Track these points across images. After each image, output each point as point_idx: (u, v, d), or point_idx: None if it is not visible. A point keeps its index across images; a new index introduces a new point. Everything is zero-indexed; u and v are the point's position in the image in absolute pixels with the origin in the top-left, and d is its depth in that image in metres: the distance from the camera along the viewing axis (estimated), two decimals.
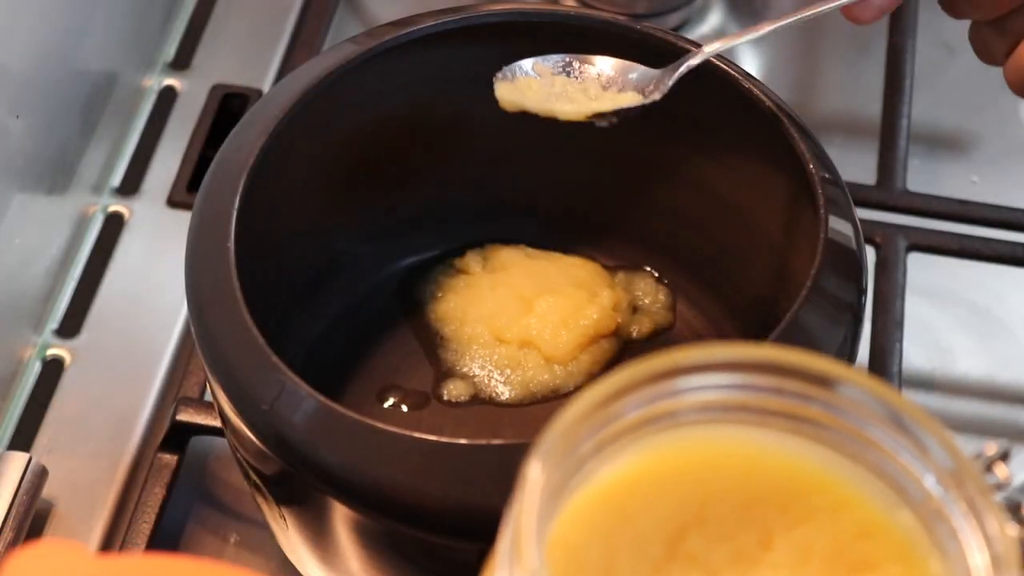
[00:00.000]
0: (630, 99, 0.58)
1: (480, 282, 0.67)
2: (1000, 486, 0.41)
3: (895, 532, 0.42)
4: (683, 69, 0.57)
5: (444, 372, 0.65)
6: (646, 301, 0.67)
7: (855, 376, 0.42)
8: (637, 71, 0.58)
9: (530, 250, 0.68)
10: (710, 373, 0.42)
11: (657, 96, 0.57)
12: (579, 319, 0.65)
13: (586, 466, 0.41)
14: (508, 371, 0.64)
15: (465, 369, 0.65)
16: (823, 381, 0.42)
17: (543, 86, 0.59)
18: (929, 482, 0.41)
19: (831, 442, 0.43)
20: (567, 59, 0.59)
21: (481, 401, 0.64)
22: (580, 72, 0.59)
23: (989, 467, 0.42)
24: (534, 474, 0.39)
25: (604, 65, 0.59)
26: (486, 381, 0.64)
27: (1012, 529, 0.39)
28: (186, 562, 0.39)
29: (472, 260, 0.68)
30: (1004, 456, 0.42)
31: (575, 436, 0.41)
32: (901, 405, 0.41)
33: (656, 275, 0.68)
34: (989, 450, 0.42)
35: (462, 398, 0.64)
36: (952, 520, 0.40)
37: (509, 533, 0.39)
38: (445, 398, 0.64)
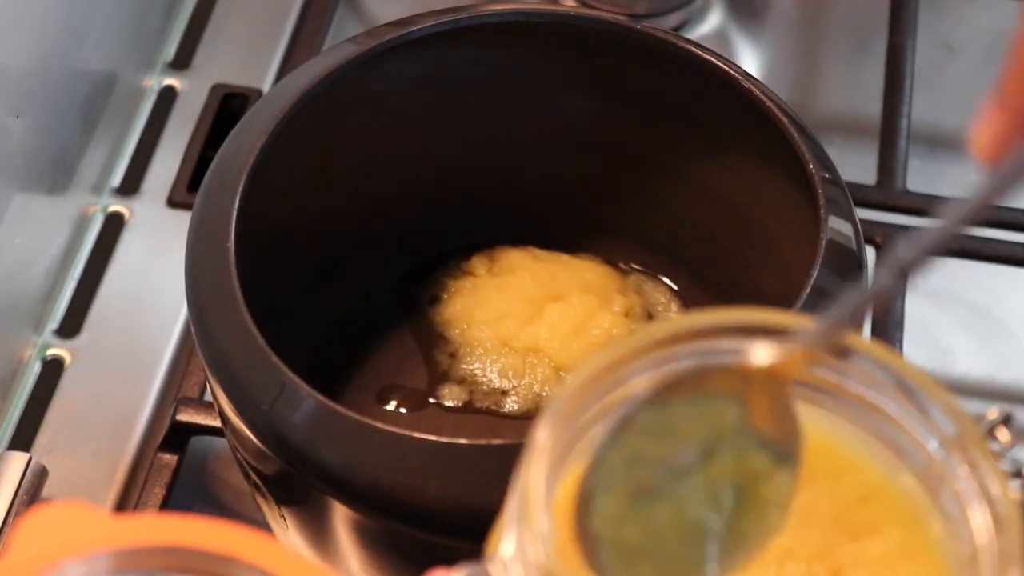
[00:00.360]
0: None
1: (487, 284, 0.66)
2: (1002, 450, 0.41)
3: (897, 496, 0.42)
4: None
5: (445, 376, 0.65)
6: (659, 308, 0.67)
7: (859, 342, 0.42)
8: None
9: (538, 252, 0.68)
10: (713, 338, 0.42)
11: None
12: (590, 328, 0.64)
13: (591, 431, 0.42)
14: (514, 379, 0.64)
15: (468, 375, 0.65)
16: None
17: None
18: (932, 446, 0.41)
19: (833, 407, 0.43)
20: None
21: (482, 411, 0.64)
22: None
23: (991, 432, 0.42)
24: (542, 438, 0.40)
25: None
26: (490, 388, 0.64)
27: (1014, 491, 0.39)
28: (200, 522, 0.39)
29: (479, 262, 0.67)
30: (1006, 420, 0.42)
31: (581, 401, 0.41)
32: (905, 370, 0.41)
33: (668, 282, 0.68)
34: (991, 415, 0.42)
35: (461, 403, 0.64)
36: (955, 483, 0.40)
37: (517, 496, 0.40)
38: (445, 403, 0.64)
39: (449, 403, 0.64)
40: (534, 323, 0.65)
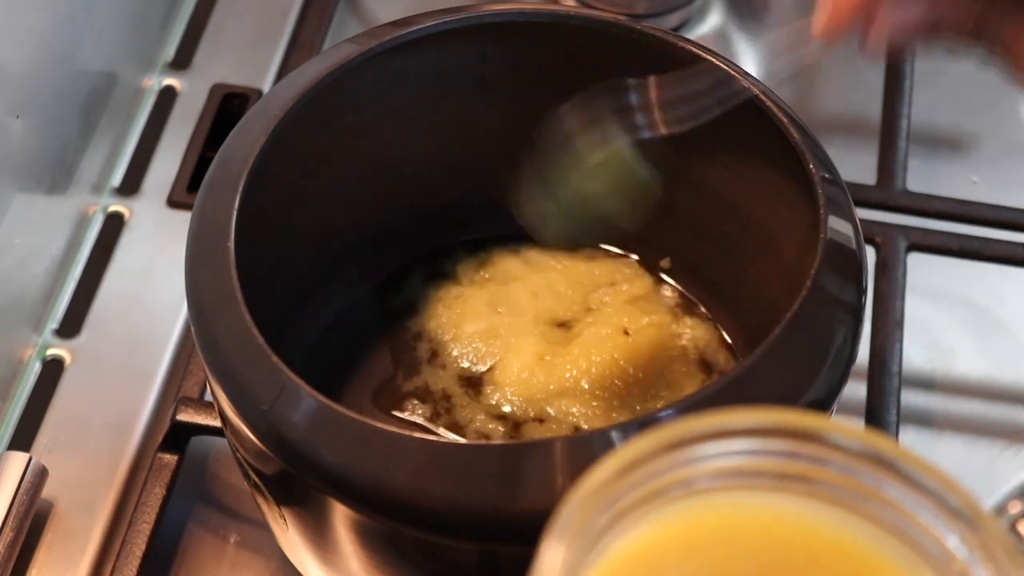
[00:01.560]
0: None
1: (476, 295, 0.66)
2: None
3: None
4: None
5: (421, 388, 0.65)
6: (660, 309, 0.67)
7: (871, 438, 0.41)
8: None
9: (534, 255, 0.68)
10: (723, 440, 0.41)
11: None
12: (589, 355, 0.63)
13: (601, 541, 0.41)
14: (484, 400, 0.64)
15: (437, 394, 0.64)
16: (838, 444, 0.41)
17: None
18: (952, 543, 0.40)
19: (849, 504, 0.42)
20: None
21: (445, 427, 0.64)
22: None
23: (1013, 526, 0.41)
24: (551, 556, 0.39)
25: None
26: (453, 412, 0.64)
27: None
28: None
29: (469, 267, 0.67)
30: None
31: (590, 512, 0.40)
32: (919, 466, 0.41)
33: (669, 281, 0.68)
34: (1013, 508, 0.41)
35: (426, 418, 0.64)
36: None
37: None
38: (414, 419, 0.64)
39: (418, 419, 0.64)
40: (522, 350, 0.64)
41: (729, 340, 0.66)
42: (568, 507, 0.39)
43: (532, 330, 0.65)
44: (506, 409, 0.63)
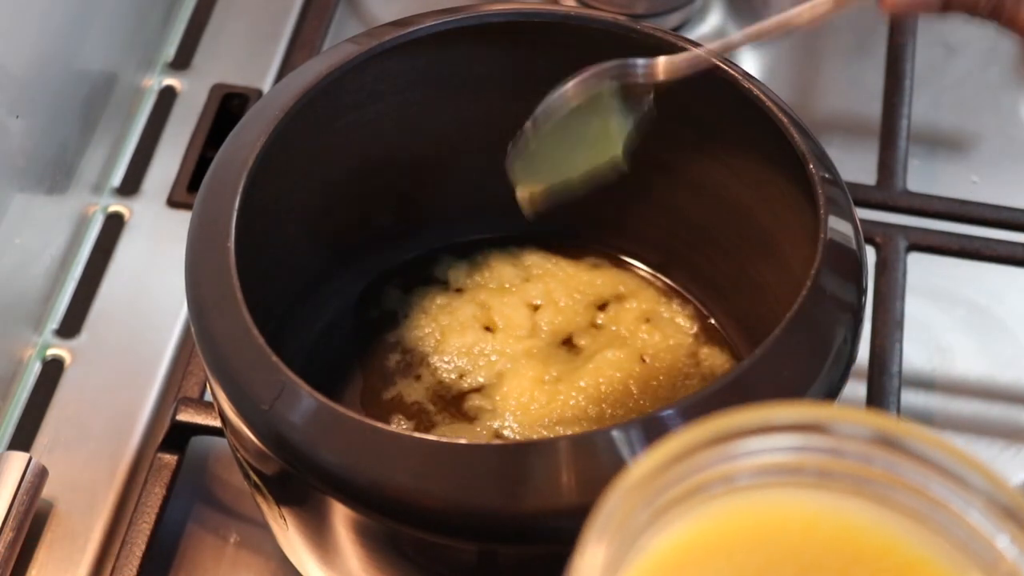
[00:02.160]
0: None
1: (463, 309, 0.66)
2: None
3: None
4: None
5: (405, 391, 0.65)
6: (660, 310, 0.67)
7: (919, 433, 0.40)
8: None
9: (531, 259, 0.68)
10: (767, 435, 0.40)
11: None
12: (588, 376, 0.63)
13: (640, 538, 0.40)
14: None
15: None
16: (885, 440, 0.40)
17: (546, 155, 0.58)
18: (1002, 543, 0.40)
19: (894, 503, 0.41)
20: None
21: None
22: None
23: None
24: (592, 556, 0.38)
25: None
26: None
27: None
28: None
29: (460, 273, 0.67)
30: None
31: (632, 507, 0.39)
32: (969, 464, 0.40)
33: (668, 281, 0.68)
34: None
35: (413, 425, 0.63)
36: None
37: None
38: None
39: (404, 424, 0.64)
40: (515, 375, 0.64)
41: (729, 340, 0.66)
42: (610, 502, 0.39)
43: (532, 348, 0.64)
44: (507, 434, 0.62)
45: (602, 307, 0.67)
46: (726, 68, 0.59)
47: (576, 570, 0.38)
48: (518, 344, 0.65)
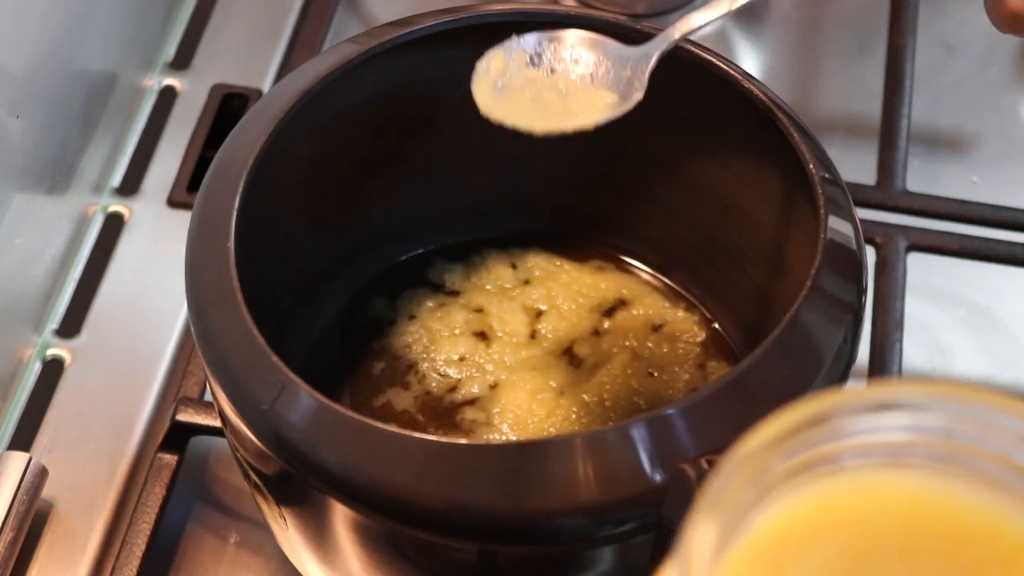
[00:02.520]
0: (607, 107, 0.57)
1: (456, 317, 0.66)
2: None
3: None
4: (655, 61, 0.57)
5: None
6: (661, 311, 0.66)
7: (995, 400, 0.39)
8: (608, 56, 0.58)
9: (530, 261, 0.67)
10: (876, 414, 0.39)
11: (639, 96, 0.57)
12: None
13: (747, 517, 0.39)
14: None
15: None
16: (999, 422, 0.39)
17: (521, 88, 0.58)
18: None
19: (1004, 486, 0.40)
20: (539, 44, 0.58)
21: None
22: (552, 60, 0.58)
23: None
24: (703, 532, 0.37)
25: (578, 51, 0.58)
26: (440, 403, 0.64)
27: None
28: None
29: (457, 273, 0.67)
30: None
31: (740, 484, 0.38)
32: None
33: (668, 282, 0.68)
34: None
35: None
36: None
37: None
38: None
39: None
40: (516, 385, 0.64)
41: (729, 340, 0.66)
42: (717, 480, 0.37)
43: (534, 358, 0.64)
44: None
45: (606, 313, 0.67)
46: (726, 68, 0.59)
47: (688, 548, 0.37)
48: (515, 354, 0.65)
